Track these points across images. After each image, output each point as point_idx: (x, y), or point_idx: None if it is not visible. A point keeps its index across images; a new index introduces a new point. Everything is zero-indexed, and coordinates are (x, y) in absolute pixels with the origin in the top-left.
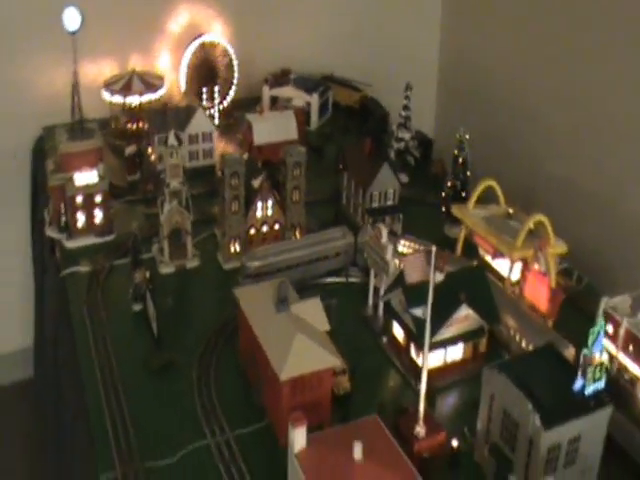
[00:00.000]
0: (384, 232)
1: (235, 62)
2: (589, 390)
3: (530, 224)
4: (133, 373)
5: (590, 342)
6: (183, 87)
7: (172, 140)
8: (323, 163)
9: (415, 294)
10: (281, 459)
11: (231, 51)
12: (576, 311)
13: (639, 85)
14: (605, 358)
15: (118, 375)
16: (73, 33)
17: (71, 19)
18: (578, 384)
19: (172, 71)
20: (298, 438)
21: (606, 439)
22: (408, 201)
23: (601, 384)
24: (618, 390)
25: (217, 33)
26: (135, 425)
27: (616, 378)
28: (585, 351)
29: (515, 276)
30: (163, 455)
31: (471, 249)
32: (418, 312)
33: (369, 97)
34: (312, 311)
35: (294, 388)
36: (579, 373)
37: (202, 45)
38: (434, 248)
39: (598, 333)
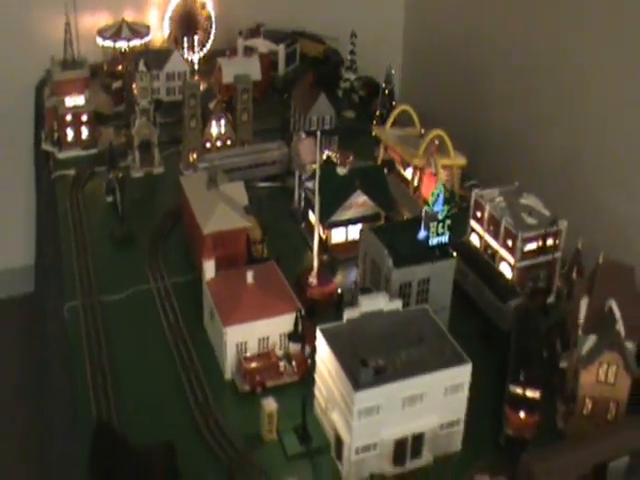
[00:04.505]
0: (302, 137)
1: (213, 15)
2: (433, 242)
3: (430, 137)
4: (100, 241)
5: (431, 202)
6: (166, 35)
7: (142, 67)
8: (283, 102)
9: (314, 173)
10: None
11: (210, 6)
12: None
13: (570, 50)
14: (448, 221)
15: (89, 242)
16: None
17: None
18: (422, 235)
19: (158, 22)
20: (208, 269)
21: (466, 296)
22: (351, 131)
23: (445, 238)
24: (483, 262)
25: None
26: (96, 270)
27: (482, 253)
28: (426, 208)
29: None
30: (115, 292)
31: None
32: (310, 184)
33: (332, 49)
34: (235, 190)
35: (215, 242)
36: (422, 226)
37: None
38: (319, 132)
39: (437, 195)
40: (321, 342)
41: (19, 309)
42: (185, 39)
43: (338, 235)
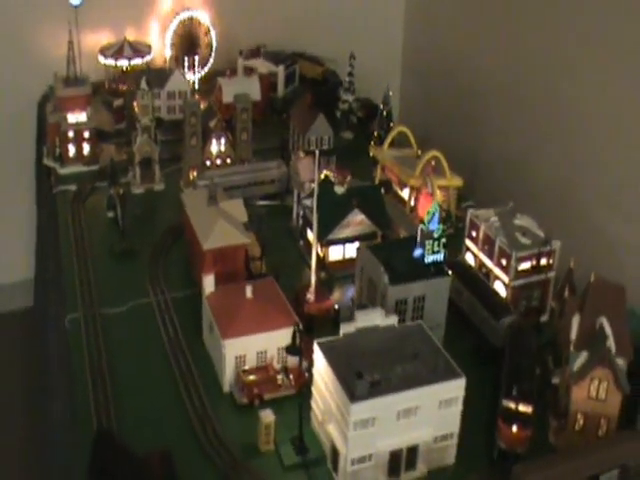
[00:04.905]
0: (301, 156)
1: (214, 42)
2: (428, 259)
3: (427, 158)
4: (101, 256)
5: (427, 220)
6: (168, 55)
7: (143, 85)
8: (282, 122)
9: (312, 192)
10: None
11: (213, 32)
12: None
13: (561, 73)
14: (443, 239)
15: (90, 256)
16: (76, 7)
17: None
18: (417, 252)
19: (159, 41)
20: (208, 283)
21: (460, 313)
22: (349, 151)
23: (440, 257)
24: (478, 280)
25: (202, 12)
26: (97, 284)
27: (477, 271)
28: (422, 227)
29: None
30: (116, 305)
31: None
32: (308, 202)
33: (330, 70)
34: (235, 207)
35: (215, 258)
36: (418, 243)
37: (188, 19)
38: (317, 152)
39: (433, 214)
40: (318, 355)
41: (19, 323)
42: (186, 58)
43: (335, 253)
